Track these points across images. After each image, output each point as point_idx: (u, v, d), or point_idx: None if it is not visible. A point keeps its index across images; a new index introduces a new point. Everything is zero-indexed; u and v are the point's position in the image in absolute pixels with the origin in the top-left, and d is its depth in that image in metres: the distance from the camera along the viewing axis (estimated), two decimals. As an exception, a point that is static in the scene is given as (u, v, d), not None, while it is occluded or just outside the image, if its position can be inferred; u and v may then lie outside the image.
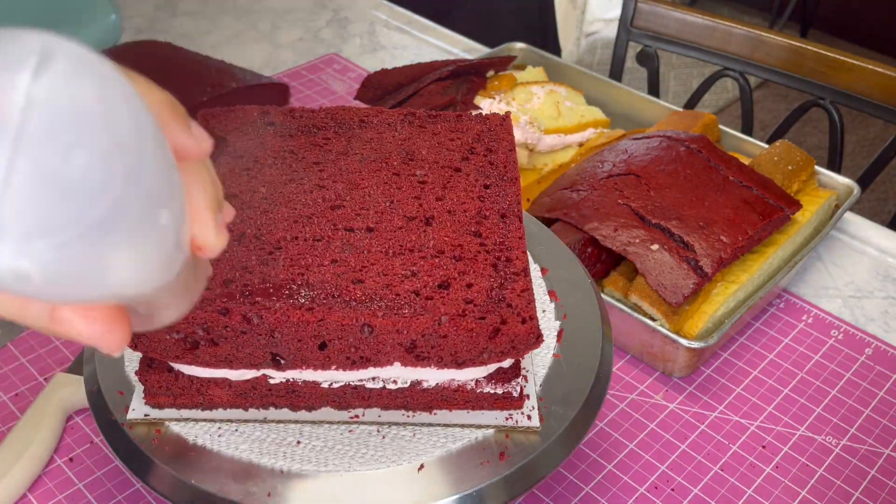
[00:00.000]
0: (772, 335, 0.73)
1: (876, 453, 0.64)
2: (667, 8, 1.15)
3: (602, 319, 0.54)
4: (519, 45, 1.04)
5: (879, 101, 1.00)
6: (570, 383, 0.50)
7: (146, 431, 0.47)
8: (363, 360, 0.45)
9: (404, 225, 0.49)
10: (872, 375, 0.70)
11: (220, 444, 0.46)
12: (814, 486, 0.61)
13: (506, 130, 0.58)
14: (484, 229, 0.49)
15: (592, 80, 1.00)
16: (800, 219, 0.76)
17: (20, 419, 0.60)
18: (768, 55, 1.07)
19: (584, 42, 2.62)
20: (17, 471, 0.57)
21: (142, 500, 0.58)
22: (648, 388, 0.68)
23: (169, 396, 0.47)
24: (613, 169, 0.75)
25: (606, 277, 0.71)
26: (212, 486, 0.44)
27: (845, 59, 1.02)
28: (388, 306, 0.44)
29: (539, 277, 0.57)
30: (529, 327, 0.44)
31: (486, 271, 0.47)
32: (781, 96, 2.55)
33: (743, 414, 0.66)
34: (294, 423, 0.48)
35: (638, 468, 0.62)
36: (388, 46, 1.20)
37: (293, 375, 0.46)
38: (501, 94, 0.90)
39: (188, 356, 0.45)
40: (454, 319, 0.44)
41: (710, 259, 0.67)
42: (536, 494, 0.60)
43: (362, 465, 0.45)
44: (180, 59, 1.00)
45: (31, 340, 0.70)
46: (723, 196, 0.72)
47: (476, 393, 0.47)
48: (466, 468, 0.45)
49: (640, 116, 0.96)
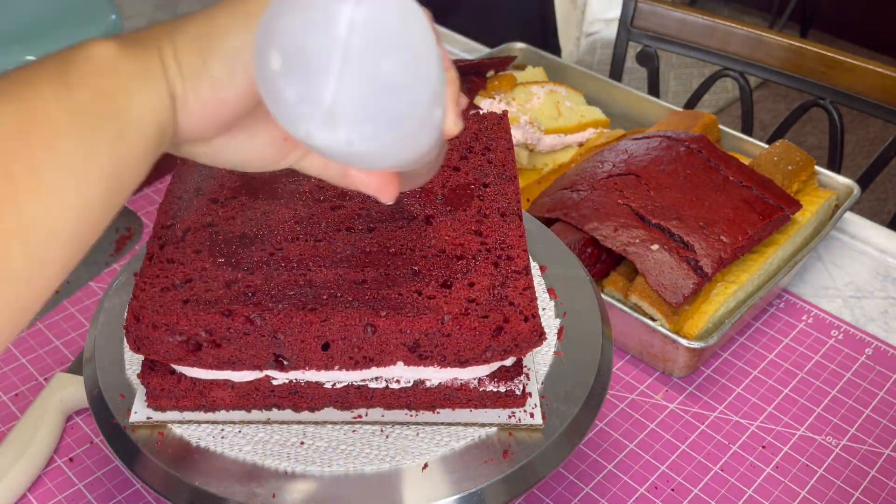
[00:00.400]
0: (772, 335, 0.73)
1: (876, 453, 0.64)
2: (667, 8, 1.15)
3: (602, 316, 0.54)
4: (519, 45, 1.04)
5: (879, 101, 1.00)
6: (571, 380, 0.50)
7: (149, 434, 0.47)
8: (366, 360, 0.45)
9: (405, 224, 0.49)
10: (872, 375, 0.70)
11: (223, 445, 0.46)
12: (814, 486, 0.61)
13: (503, 129, 0.58)
14: (484, 228, 0.49)
15: (592, 80, 1.00)
16: (800, 219, 0.76)
17: (20, 419, 0.60)
18: (768, 55, 1.08)
19: (584, 42, 2.62)
20: (17, 471, 0.57)
21: (142, 501, 0.58)
22: (648, 388, 0.68)
23: (171, 399, 0.47)
24: (613, 169, 0.75)
25: (606, 277, 0.71)
26: (216, 487, 0.44)
27: (845, 59, 1.02)
28: (391, 306, 0.44)
29: (538, 276, 0.57)
30: (532, 325, 0.44)
31: (488, 270, 0.47)
32: (781, 96, 2.55)
33: (743, 414, 0.66)
34: (297, 423, 0.48)
35: (638, 468, 0.62)
36: (388, 46, 1.19)
37: (296, 376, 0.46)
38: (501, 94, 0.90)
39: (191, 358, 0.45)
40: (457, 318, 0.44)
41: (710, 259, 0.68)
42: (536, 494, 0.60)
43: (366, 465, 0.45)
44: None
45: (31, 340, 0.70)
46: (723, 196, 0.72)
47: (479, 391, 0.47)
48: (471, 467, 0.45)
49: (640, 116, 0.96)
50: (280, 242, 0.48)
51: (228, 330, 0.43)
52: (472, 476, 0.45)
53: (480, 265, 0.47)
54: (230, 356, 0.45)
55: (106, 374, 0.50)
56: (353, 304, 0.44)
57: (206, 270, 0.46)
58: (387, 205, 0.50)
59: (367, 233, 0.49)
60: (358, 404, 0.48)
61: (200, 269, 0.46)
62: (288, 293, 0.44)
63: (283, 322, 0.43)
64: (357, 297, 0.44)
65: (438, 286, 0.46)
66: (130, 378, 0.49)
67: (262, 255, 0.47)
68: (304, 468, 0.45)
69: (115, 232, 0.83)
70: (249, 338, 0.44)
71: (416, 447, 0.46)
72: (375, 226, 0.49)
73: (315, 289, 0.45)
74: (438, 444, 0.46)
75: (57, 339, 0.71)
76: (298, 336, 0.44)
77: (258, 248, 0.47)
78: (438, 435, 0.47)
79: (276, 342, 0.44)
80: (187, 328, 0.43)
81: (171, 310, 0.43)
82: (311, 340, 0.44)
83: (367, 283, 0.45)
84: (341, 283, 0.45)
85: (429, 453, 0.46)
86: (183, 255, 0.47)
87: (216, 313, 0.43)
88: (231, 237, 0.48)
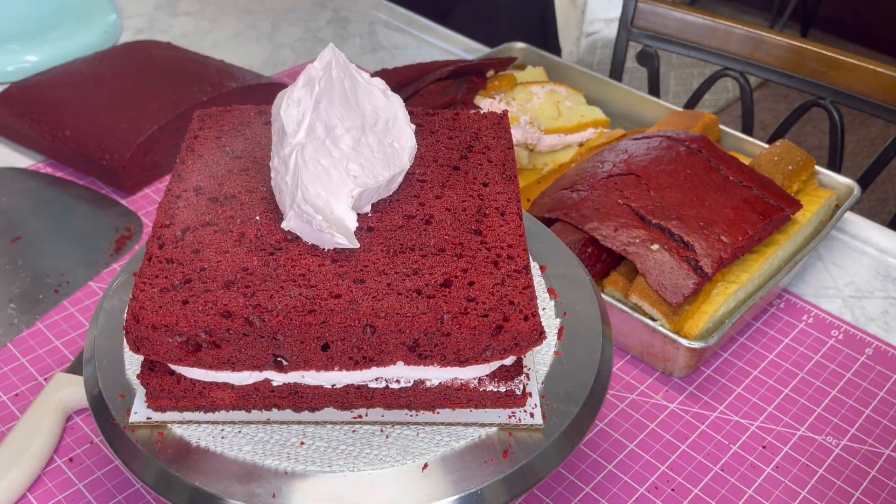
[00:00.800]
0: (772, 335, 0.73)
1: (876, 453, 0.64)
2: (667, 8, 1.15)
3: (602, 316, 0.54)
4: (519, 45, 1.04)
5: (879, 100, 1.00)
6: (571, 380, 0.50)
7: (149, 435, 0.47)
8: (366, 361, 0.45)
9: (404, 224, 0.49)
10: (873, 375, 0.70)
11: (223, 446, 0.46)
12: (814, 486, 0.61)
13: (503, 128, 0.58)
14: (484, 227, 0.49)
15: (592, 80, 1.00)
16: (800, 219, 0.76)
17: (20, 419, 0.60)
18: (768, 55, 1.08)
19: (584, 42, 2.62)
20: (17, 471, 0.57)
21: (142, 501, 0.58)
22: (649, 388, 0.68)
23: (171, 399, 0.47)
24: (613, 169, 0.75)
25: (606, 277, 0.71)
26: (216, 488, 0.44)
27: (845, 59, 1.02)
28: (391, 306, 0.44)
29: (538, 276, 0.57)
30: (532, 324, 0.44)
31: (488, 269, 0.47)
32: (782, 96, 2.55)
33: (743, 414, 0.66)
34: (297, 423, 0.48)
35: (638, 468, 0.62)
36: (388, 46, 1.20)
37: (296, 378, 0.46)
38: (501, 94, 0.90)
39: (190, 359, 0.45)
40: (456, 317, 0.44)
41: (711, 259, 0.68)
42: (536, 494, 0.60)
43: (366, 465, 0.45)
44: (180, 59, 1.00)
45: (30, 340, 0.70)
46: (723, 196, 0.72)
47: (479, 391, 0.47)
48: (471, 467, 0.45)
49: (640, 116, 0.96)
50: (279, 242, 0.48)
51: (227, 331, 0.43)
52: (472, 476, 0.45)
53: (480, 264, 0.47)
54: (229, 357, 0.45)
55: (106, 375, 0.50)
56: (352, 304, 0.44)
57: (205, 271, 0.46)
58: (385, 204, 0.50)
59: (367, 232, 0.49)
60: (358, 404, 0.48)
61: (200, 269, 0.46)
62: (287, 294, 0.44)
63: (282, 323, 0.43)
64: (356, 298, 0.44)
65: (438, 285, 0.45)
66: (130, 378, 0.49)
67: (261, 254, 0.47)
68: (305, 468, 0.45)
69: (115, 232, 0.83)
70: (249, 339, 0.44)
71: (416, 447, 0.46)
72: (375, 225, 0.49)
73: (314, 289, 0.45)
74: (438, 444, 0.46)
75: (57, 339, 0.71)
76: (298, 337, 0.44)
77: (257, 248, 0.47)
78: (438, 435, 0.47)
79: (275, 343, 0.44)
80: (186, 329, 0.43)
81: (170, 311, 0.43)
82: (310, 341, 0.44)
83: (367, 283, 0.45)
84: (340, 284, 0.45)
85: (429, 453, 0.46)
86: (182, 256, 0.47)
87: (215, 314, 0.43)
88: (230, 237, 0.48)
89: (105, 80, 0.94)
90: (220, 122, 0.57)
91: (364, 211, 0.50)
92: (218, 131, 0.56)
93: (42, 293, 0.75)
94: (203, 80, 0.95)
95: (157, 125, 0.87)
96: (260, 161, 0.54)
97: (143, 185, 0.88)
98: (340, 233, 0.46)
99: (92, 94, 0.91)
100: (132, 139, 0.86)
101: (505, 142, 0.56)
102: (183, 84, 0.94)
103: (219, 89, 0.93)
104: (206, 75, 0.96)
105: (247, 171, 0.53)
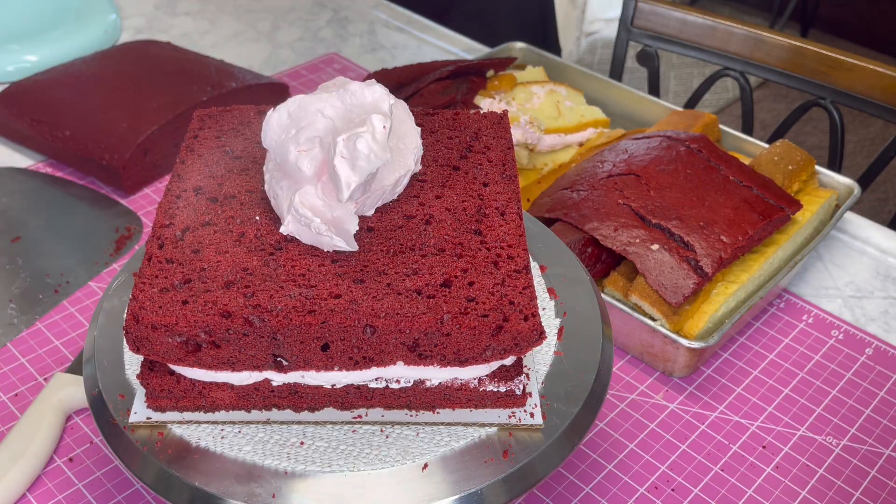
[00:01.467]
0: (772, 335, 0.73)
1: (876, 453, 0.64)
2: (667, 8, 1.15)
3: (602, 316, 0.54)
4: (519, 45, 1.04)
5: (879, 100, 1.00)
6: (571, 380, 0.50)
7: (148, 434, 0.47)
8: (366, 361, 0.45)
9: (404, 224, 0.49)
10: (873, 375, 0.70)
11: (223, 446, 0.46)
12: (814, 486, 0.61)
13: (503, 128, 0.58)
14: (484, 227, 0.49)
15: (592, 80, 1.00)
16: (800, 219, 0.76)
17: (20, 419, 0.60)
18: (768, 55, 1.08)
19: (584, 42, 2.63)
20: (16, 471, 0.57)
21: (142, 501, 0.58)
22: (648, 388, 0.68)
23: (171, 399, 0.47)
24: (613, 169, 0.75)
25: (606, 277, 0.71)
26: (216, 488, 0.44)
27: (845, 59, 1.02)
28: (391, 306, 0.44)
29: (538, 276, 0.57)
30: (532, 324, 0.44)
31: (488, 269, 0.47)
32: (782, 96, 2.55)
33: (743, 414, 0.66)
34: (297, 423, 0.48)
35: (638, 468, 0.62)
36: (388, 46, 1.20)
37: (296, 378, 0.46)
38: (501, 94, 0.90)
39: (190, 359, 0.45)
40: (456, 317, 0.44)
41: (711, 259, 0.68)
42: (536, 494, 0.60)
43: (366, 465, 0.45)
44: (180, 59, 1.00)
45: (30, 340, 0.70)
46: (723, 196, 0.72)
47: (479, 391, 0.47)
48: (471, 467, 0.45)
49: (640, 116, 0.96)
50: (278, 242, 0.48)
51: (227, 331, 0.43)
52: (472, 476, 0.45)
53: (480, 264, 0.47)
54: (229, 357, 0.45)
55: (106, 375, 0.50)
56: (352, 304, 0.44)
57: (205, 271, 0.46)
58: (385, 204, 0.50)
59: (367, 232, 0.49)
60: (358, 404, 0.48)
61: (199, 269, 0.46)
62: (287, 294, 0.44)
63: (282, 323, 0.43)
64: (356, 298, 0.44)
65: (438, 285, 0.45)
66: (130, 378, 0.49)
67: (260, 254, 0.47)
68: (304, 468, 0.45)
69: (115, 232, 0.83)
70: (248, 339, 0.44)
71: (416, 447, 0.46)
72: (375, 225, 0.49)
73: (314, 289, 0.45)
74: (438, 444, 0.46)
75: (57, 339, 0.71)
76: (298, 337, 0.44)
77: (257, 248, 0.47)
78: (438, 435, 0.47)
79: (275, 343, 0.44)
80: (186, 329, 0.43)
81: (170, 311, 0.43)
82: (310, 341, 0.44)
83: (367, 283, 0.45)
84: (340, 284, 0.45)
85: (429, 453, 0.46)
86: (182, 256, 0.47)
87: (215, 314, 0.43)
88: (230, 237, 0.48)
89: (105, 80, 0.94)
90: (220, 122, 0.57)
91: (367, 214, 0.50)
92: (218, 131, 0.56)
93: (42, 293, 0.75)
94: (203, 79, 0.95)
95: (157, 125, 0.87)
96: (260, 161, 0.54)
97: (142, 185, 0.88)
98: (339, 236, 0.46)
99: (92, 94, 0.91)
100: (132, 139, 0.86)
101: (505, 142, 0.56)
102: (183, 84, 0.94)
103: (219, 89, 0.93)
104: (205, 75, 0.96)
105: (247, 170, 0.53)
